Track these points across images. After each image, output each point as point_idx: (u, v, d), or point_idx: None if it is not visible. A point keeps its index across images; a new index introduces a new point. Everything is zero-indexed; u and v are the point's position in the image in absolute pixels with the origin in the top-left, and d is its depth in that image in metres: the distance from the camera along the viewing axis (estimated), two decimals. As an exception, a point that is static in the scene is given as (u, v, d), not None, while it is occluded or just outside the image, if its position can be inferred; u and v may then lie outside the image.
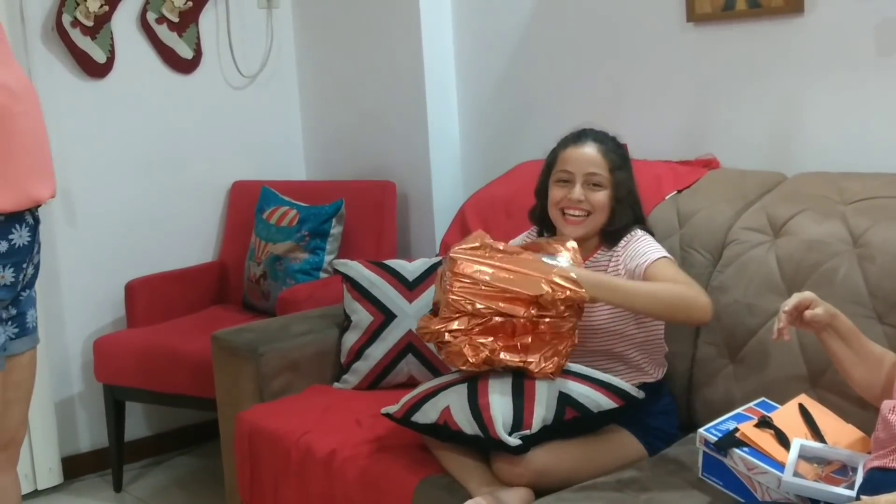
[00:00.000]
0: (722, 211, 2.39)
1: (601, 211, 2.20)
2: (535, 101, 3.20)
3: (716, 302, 2.17)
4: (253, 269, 3.43)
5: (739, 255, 2.27)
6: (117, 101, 3.51)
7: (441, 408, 2.03)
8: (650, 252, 2.14)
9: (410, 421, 2.07)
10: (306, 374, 2.67)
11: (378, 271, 2.69)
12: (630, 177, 2.23)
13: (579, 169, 2.20)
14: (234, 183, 3.77)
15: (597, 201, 2.19)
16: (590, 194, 2.19)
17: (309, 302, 3.02)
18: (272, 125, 3.87)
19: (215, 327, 2.86)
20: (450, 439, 2.02)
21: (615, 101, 2.93)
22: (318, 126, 3.88)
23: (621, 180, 2.20)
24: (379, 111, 3.57)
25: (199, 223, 3.73)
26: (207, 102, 3.71)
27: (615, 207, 2.20)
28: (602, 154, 2.20)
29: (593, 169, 2.19)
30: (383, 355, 2.62)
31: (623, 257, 2.18)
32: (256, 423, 2.49)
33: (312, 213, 3.35)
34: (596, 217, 2.20)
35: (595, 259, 2.24)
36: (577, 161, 2.20)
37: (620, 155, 2.23)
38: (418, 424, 2.06)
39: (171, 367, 3.13)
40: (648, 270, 2.10)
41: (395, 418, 2.12)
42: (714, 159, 2.65)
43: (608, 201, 2.19)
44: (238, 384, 2.64)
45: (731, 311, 2.22)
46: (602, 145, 2.22)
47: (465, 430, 1.97)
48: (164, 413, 3.64)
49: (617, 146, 2.25)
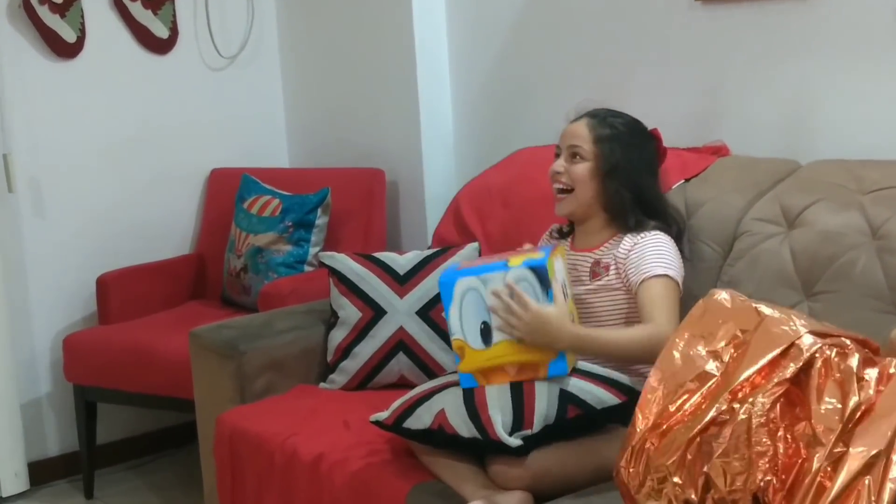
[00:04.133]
0: (732, 201, 2.39)
1: (582, 185, 2.23)
2: (535, 83, 3.19)
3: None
4: (233, 262, 3.42)
5: (751, 248, 2.27)
6: (88, 83, 3.49)
7: (435, 411, 2.02)
8: (651, 266, 2.16)
9: (402, 428, 2.07)
10: (290, 374, 2.67)
11: (367, 264, 2.68)
12: (627, 154, 2.24)
13: (565, 142, 2.28)
14: (212, 170, 3.76)
15: (575, 174, 2.24)
16: (571, 166, 2.25)
17: (293, 297, 3.02)
18: (253, 109, 3.86)
19: (193, 324, 2.85)
20: (446, 445, 2.02)
21: (619, 84, 2.93)
22: (302, 110, 3.87)
23: (606, 153, 2.22)
24: (367, 93, 3.56)
25: (176, 213, 3.72)
26: (184, 85, 3.69)
27: (603, 183, 2.21)
28: (589, 127, 2.25)
29: (575, 141, 2.25)
30: (372, 354, 2.61)
31: (626, 262, 2.19)
32: (237, 425, 2.48)
33: (296, 202, 3.34)
34: (579, 193, 2.24)
35: (608, 248, 2.25)
36: (566, 135, 2.29)
37: (616, 129, 2.24)
38: (411, 431, 2.05)
39: (146, 366, 3.12)
40: (641, 288, 2.15)
41: (385, 426, 2.11)
42: (724, 146, 2.65)
43: (589, 174, 2.22)
44: (218, 384, 2.64)
45: (742, 308, 2.21)
46: (593, 119, 2.25)
47: (462, 434, 1.97)
48: (139, 415, 3.62)
49: (614, 121, 2.25)
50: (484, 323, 2.03)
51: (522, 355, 2.01)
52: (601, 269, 2.24)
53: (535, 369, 2.01)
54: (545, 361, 2.01)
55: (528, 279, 2.00)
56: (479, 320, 2.03)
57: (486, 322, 2.03)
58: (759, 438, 1.44)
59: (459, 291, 2.04)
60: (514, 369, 2.03)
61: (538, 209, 2.67)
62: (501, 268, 2.02)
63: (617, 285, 2.22)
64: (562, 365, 2.02)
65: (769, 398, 1.46)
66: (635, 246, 2.20)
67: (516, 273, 2.01)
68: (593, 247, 2.29)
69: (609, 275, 2.22)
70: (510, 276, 2.01)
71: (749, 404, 1.47)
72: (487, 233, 2.85)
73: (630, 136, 2.26)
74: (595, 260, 2.27)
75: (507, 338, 2.02)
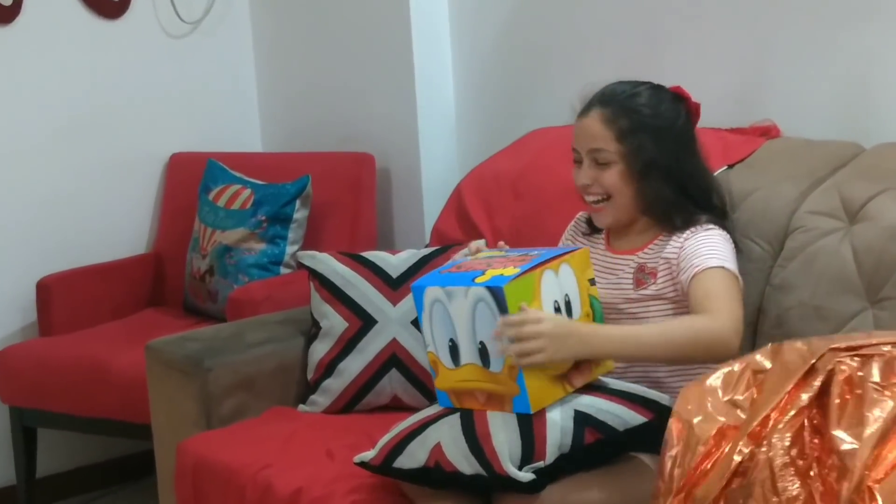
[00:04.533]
0: (783, 191, 2.39)
1: (619, 192, 2.21)
2: (550, 53, 3.19)
3: (777, 304, 2.16)
4: (196, 263, 3.42)
5: (806, 246, 2.26)
6: (27, 53, 3.49)
7: (430, 446, 2.01)
8: (704, 258, 2.13)
9: (393, 468, 2.06)
10: (264, 394, 2.67)
11: (354, 265, 2.68)
12: (659, 141, 2.21)
13: (582, 146, 2.24)
14: (172, 155, 3.76)
15: (608, 183, 2.21)
16: (599, 174, 2.21)
17: (267, 304, 3.02)
18: (220, 83, 3.86)
19: (150, 336, 2.84)
20: (445, 484, 2.01)
21: (649, 53, 2.93)
22: (279, 84, 3.87)
23: (634, 149, 2.19)
24: (354, 65, 3.56)
25: (130, 205, 3.72)
26: (139, 54, 3.69)
27: (640, 185, 2.20)
28: (604, 122, 2.20)
29: (595, 144, 2.21)
30: (361, 370, 2.61)
31: (677, 263, 2.17)
32: (202, 454, 2.48)
33: (271, 192, 3.34)
34: (618, 200, 2.22)
35: (654, 250, 2.24)
36: (579, 136, 2.25)
37: (637, 113, 2.21)
38: (403, 471, 2.04)
39: (95, 386, 3.12)
40: (692, 284, 2.12)
41: (372, 467, 2.10)
42: (774, 126, 2.65)
43: (623, 179, 2.20)
44: (179, 406, 2.64)
45: (795, 317, 2.21)
46: (606, 109, 2.21)
47: (464, 470, 1.96)
48: (87, 442, 3.62)
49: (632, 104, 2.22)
50: (451, 340, 2.03)
51: (487, 384, 2.01)
52: (647, 276, 2.22)
53: (502, 401, 2.01)
54: (510, 394, 1.99)
55: (486, 301, 1.96)
56: (447, 336, 2.04)
57: (452, 339, 2.03)
58: (786, 483, 1.44)
59: (429, 300, 2.05)
60: (483, 396, 2.03)
61: (556, 200, 2.66)
62: (467, 282, 2.00)
63: (668, 293, 2.19)
64: (524, 401, 1.98)
65: (789, 432, 1.47)
66: (685, 242, 2.19)
67: (474, 292, 1.98)
68: (636, 248, 2.27)
69: (657, 282, 2.20)
70: (471, 294, 1.98)
71: (767, 444, 1.47)
72: (496, 228, 2.85)
73: (655, 117, 2.23)
74: (639, 265, 2.25)
75: (473, 361, 2.01)
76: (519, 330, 1.93)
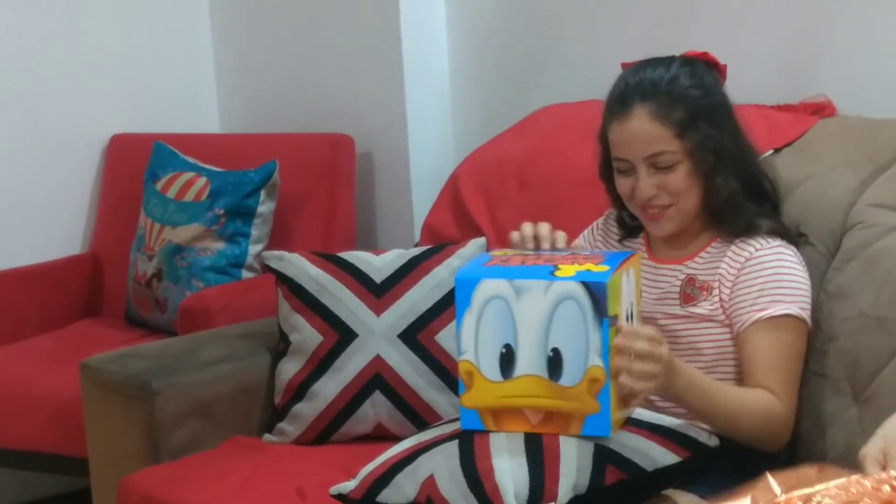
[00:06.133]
0: (840, 180, 2.39)
1: (686, 194, 2.22)
2: (560, 18, 3.20)
3: (833, 314, 2.16)
4: (142, 266, 3.42)
5: (867, 246, 2.27)
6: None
7: (422, 478, 2.02)
8: (768, 299, 2.16)
9: (376, 503, 2.06)
10: (223, 422, 2.67)
11: (330, 268, 2.69)
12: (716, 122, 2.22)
13: (635, 154, 2.21)
14: (112, 136, 3.76)
15: (674, 187, 2.21)
16: (662, 180, 2.21)
17: (225, 314, 3.03)
18: (171, 51, 3.87)
19: (86, 352, 2.85)
20: (434, 525, 2.02)
21: (678, 17, 2.94)
22: (240, 54, 3.88)
23: (700, 142, 2.20)
24: (330, 33, 3.57)
25: (61, 196, 3.72)
26: (74, 16, 3.69)
27: (710, 180, 2.22)
28: (656, 119, 2.20)
29: (653, 148, 2.20)
30: (338, 393, 2.62)
31: (735, 291, 2.19)
32: (149, 493, 2.48)
33: (230, 181, 3.34)
34: (683, 204, 2.23)
35: (706, 259, 2.25)
36: (629, 143, 2.22)
37: (688, 97, 2.21)
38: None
39: (20, 412, 3.12)
40: (751, 333, 2.16)
41: (351, 500, 2.11)
42: (828, 103, 2.66)
43: (690, 178, 2.21)
44: (121, 436, 2.64)
45: (853, 328, 2.22)
46: (652, 103, 2.20)
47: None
48: (12, 479, 3.61)
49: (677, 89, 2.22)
50: (506, 346, 2.02)
51: (553, 400, 2.00)
52: (697, 291, 2.24)
53: (567, 422, 2.00)
54: (582, 413, 1.99)
55: (577, 299, 1.96)
56: (501, 341, 2.02)
57: (508, 345, 2.02)
58: None
59: (481, 296, 2.02)
60: (537, 417, 2.02)
61: (569, 191, 2.68)
62: (544, 276, 1.99)
63: (720, 316, 2.21)
64: (603, 422, 1.98)
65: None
66: (748, 264, 2.20)
67: (562, 287, 1.97)
68: (685, 257, 2.29)
69: (711, 300, 2.22)
70: (553, 290, 1.98)
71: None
72: (498, 223, 2.85)
73: (705, 96, 2.24)
74: (689, 276, 2.26)
75: (534, 372, 2.00)
76: (651, 349, 1.95)
